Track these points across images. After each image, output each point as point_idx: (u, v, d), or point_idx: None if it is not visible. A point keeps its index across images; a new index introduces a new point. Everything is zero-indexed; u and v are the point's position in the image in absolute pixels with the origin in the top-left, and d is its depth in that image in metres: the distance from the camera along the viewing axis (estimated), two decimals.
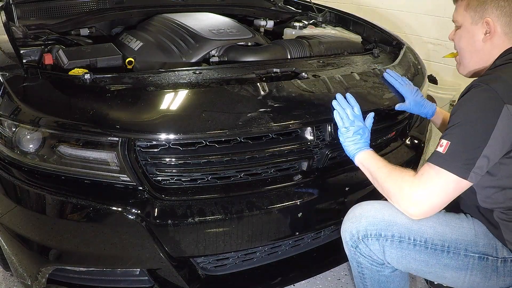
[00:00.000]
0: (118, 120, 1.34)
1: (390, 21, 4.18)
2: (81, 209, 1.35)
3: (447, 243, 1.26)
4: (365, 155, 1.36)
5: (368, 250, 1.30)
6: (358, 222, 1.30)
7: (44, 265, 1.43)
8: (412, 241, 1.26)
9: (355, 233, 1.30)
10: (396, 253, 1.28)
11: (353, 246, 1.32)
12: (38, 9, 2.17)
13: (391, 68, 1.83)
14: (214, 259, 1.54)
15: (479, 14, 1.29)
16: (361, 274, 1.38)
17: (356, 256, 1.34)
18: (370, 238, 1.28)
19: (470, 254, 1.26)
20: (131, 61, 1.79)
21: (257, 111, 1.45)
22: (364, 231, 1.29)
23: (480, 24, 1.29)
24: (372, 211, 1.30)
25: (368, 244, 1.29)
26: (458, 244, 1.26)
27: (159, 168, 1.39)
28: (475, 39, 1.31)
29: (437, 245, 1.26)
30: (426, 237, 1.26)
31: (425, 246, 1.26)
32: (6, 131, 1.39)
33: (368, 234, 1.28)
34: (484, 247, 1.27)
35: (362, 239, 1.29)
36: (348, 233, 1.32)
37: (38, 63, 1.65)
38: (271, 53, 1.88)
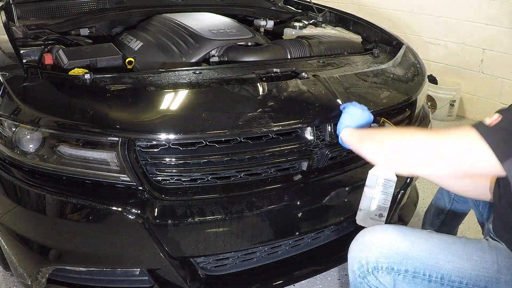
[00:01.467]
0: (118, 120, 1.34)
1: (390, 21, 4.18)
2: (81, 209, 1.35)
3: (465, 280, 1.15)
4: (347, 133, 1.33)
5: (377, 282, 1.18)
6: (368, 251, 1.18)
7: (44, 265, 1.43)
8: (427, 277, 1.16)
9: (364, 264, 1.18)
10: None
11: (360, 277, 1.19)
12: (38, 9, 2.17)
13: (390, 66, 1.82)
14: (214, 259, 1.54)
15: None
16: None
17: (361, 286, 1.22)
18: (381, 271, 1.16)
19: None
20: (131, 61, 1.79)
21: (257, 111, 1.45)
22: (374, 263, 1.16)
23: None
24: (385, 240, 1.18)
25: (378, 277, 1.17)
26: (478, 281, 1.15)
27: (159, 168, 1.39)
28: None
29: (454, 282, 1.15)
30: (442, 273, 1.15)
31: (441, 283, 1.15)
32: (6, 131, 1.39)
33: (379, 267, 1.16)
34: (506, 284, 1.15)
35: (372, 271, 1.17)
36: (356, 262, 1.19)
37: (38, 63, 1.65)
38: (271, 53, 1.88)
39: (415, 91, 1.81)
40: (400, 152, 1.15)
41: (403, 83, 1.84)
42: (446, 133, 1.07)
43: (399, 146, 1.15)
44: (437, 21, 3.91)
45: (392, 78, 1.81)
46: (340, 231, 1.77)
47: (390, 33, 2.26)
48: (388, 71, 1.84)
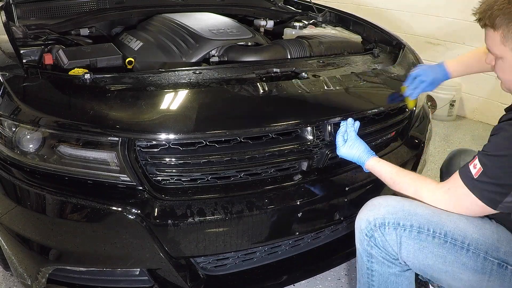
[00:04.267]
0: (118, 120, 1.34)
1: (390, 21, 4.18)
2: (81, 209, 1.35)
3: (467, 240, 1.20)
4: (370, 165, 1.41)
5: (383, 240, 1.24)
6: (377, 210, 1.25)
7: (44, 265, 1.43)
8: (431, 233, 1.21)
9: (372, 220, 1.25)
10: (413, 245, 1.22)
11: (367, 235, 1.26)
12: (38, 9, 2.17)
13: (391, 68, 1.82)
14: (214, 259, 1.53)
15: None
16: (370, 271, 1.31)
17: (369, 247, 1.27)
18: (388, 226, 1.23)
19: (489, 259, 1.19)
20: (131, 61, 1.79)
21: (257, 111, 1.45)
22: (381, 219, 1.23)
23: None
24: (392, 201, 1.27)
25: (385, 233, 1.23)
26: (479, 245, 1.19)
27: (159, 168, 1.39)
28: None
29: (457, 240, 1.20)
30: (446, 230, 1.20)
31: (445, 240, 1.20)
32: (6, 131, 1.39)
33: (385, 222, 1.23)
34: (505, 255, 1.19)
35: (379, 227, 1.23)
36: (364, 221, 1.26)
37: (38, 63, 1.65)
38: (271, 53, 1.88)
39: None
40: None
41: (403, 83, 1.84)
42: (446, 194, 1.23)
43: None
44: (437, 21, 3.91)
45: (392, 78, 1.80)
46: (340, 231, 1.77)
47: (390, 33, 2.26)
48: (388, 71, 1.84)
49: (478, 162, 1.16)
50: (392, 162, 1.68)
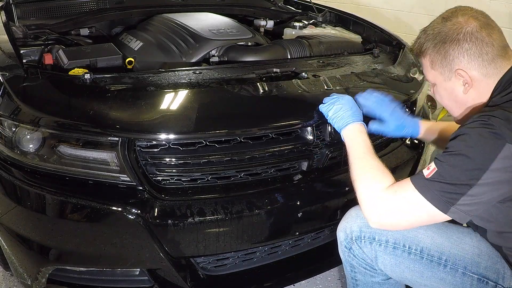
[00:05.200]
0: (118, 120, 1.34)
1: (390, 21, 4.17)
2: (81, 209, 1.35)
3: (444, 256, 1.17)
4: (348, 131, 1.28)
5: (361, 252, 1.24)
6: (353, 222, 1.24)
7: (44, 265, 1.43)
8: (407, 249, 1.19)
9: (349, 233, 1.24)
10: (389, 260, 1.21)
11: (346, 247, 1.26)
12: (38, 9, 2.17)
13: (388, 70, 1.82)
14: (214, 259, 1.53)
15: (447, 68, 1.12)
16: (354, 280, 1.32)
17: (349, 258, 1.28)
18: (363, 240, 1.22)
19: (468, 274, 1.16)
20: (131, 61, 1.79)
21: (257, 111, 1.45)
22: (358, 232, 1.23)
23: (453, 78, 1.13)
24: None
25: (361, 246, 1.23)
26: (457, 260, 1.17)
27: (159, 168, 1.39)
28: (456, 94, 1.15)
29: (433, 257, 1.18)
30: (422, 246, 1.18)
31: (421, 256, 1.18)
32: (6, 131, 1.39)
33: (361, 236, 1.22)
34: (486, 270, 1.15)
35: (356, 240, 1.23)
36: (342, 233, 1.27)
37: (38, 63, 1.65)
38: (271, 53, 1.88)
39: (415, 91, 1.81)
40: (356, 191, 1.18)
41: (403, 83, 1.84)
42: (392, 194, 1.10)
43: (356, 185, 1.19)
44: None
45: (392, 78, 1.80)
46: None
47: (390, 33, 2.26)
48: (388, 71, 1.84)
49: (433, 163, 1.07)
50: (392, 162, 1.69)
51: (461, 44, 1.09)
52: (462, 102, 1.16)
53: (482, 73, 1.10)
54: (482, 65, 1.09)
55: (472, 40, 1.08)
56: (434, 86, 1.20)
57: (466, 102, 1.15)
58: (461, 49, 1.09)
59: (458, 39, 1.09)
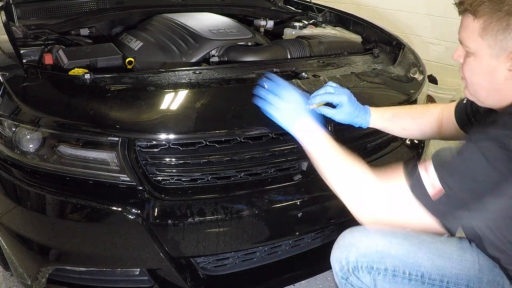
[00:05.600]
0: (118, 120, 1.34)
1: (390, 21, 4.17)
2: (81, 209, 1.35)
3: (446, 278, 1.13)
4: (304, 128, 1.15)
5: (360, 282, 1.17)
6: (348, 252, 1.17)
7: (44, 265, 1.43)
8: (407, 275, 1.14)
9: (344, 264, 1.17)
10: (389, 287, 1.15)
11: (343, 278, 1.19)
12: (38, 9, 2.17)
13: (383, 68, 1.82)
14: (214, 259, 1.53)
15: (501, 44, 0.94)
16: None
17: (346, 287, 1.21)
18: (361, 270, 1.15)
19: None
20: (131, 61, 1.79)
21: (257, 111, 1.44)
22: (354, 263, 1.15)
23: (502, 58, 0.95)
24: (364, 240, 1.16)
25: (359, 276, 1.16)
26: (459, 280, 1.13)
27: (159, 168, 1.39)
28: (495, 77, 0.98)
29: (435, 280, 1.13)
30: (422, 271, 1.13)
31: (422, 281, 1.13)
32: (6, 131, 1.39)
33: (358, 266, 1.15)
34: (488, 284, 1.13)
35: (353, 271, 1.16)
36: (337, 264, 1.19)
37: (38, 63, 1.65)
38: (271, 53, 1.88)
39: (415, 91, 1.81)
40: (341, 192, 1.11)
41: (403, 83, 1.84)
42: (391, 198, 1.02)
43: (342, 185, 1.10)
44: (437, 21, 3.91)
45: (392, 78, 1.81)
46: (341, 231, 1.77)
47: (390, 33, 2.26)
48: (388, 71, 1.84)
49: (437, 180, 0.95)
50: (392, 162, 1.68)
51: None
52: (495, 87, 1.00)
53: None
54: None
55: None
56: (469, 56, 1.02)
57: (500, 89, 0.99)
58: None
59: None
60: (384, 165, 1.57)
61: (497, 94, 1.01)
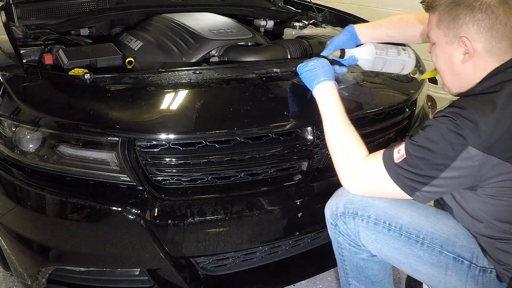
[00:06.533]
0: (118, 120, 1.34)
1: None
2: (81, 209, 1.35)
3: (422, 234, 1.22)
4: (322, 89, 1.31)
5: (346, 228, 1.29)
6: (339, 199, 1.29)
7: (44, 265, 1.43)
8: (387, 225, 1.24)
9: (334, 210, 1.29)
10: (370, 235, 1.26)
11: (332, 224, 1.31)
12: (38, 9, 2.17)
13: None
14: (214, 259, 1.54)
15: (453, 32, 1.10)
16: (341, 256, 1.37)
17: (336, 234, 1.33)
18: (347, 216, 1.27)
19: (445, 252, 1.21)
20: (131, 61, 1.79)
21: (257, 111, 1.45)
22: (342, 208, 1.27)
23: (456, 44, 1.10)
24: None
25: (346, 221, 1.28)
26: (434, 239, 1.22)
27: (159, 168, 1.39)
28: (453, 61, 1.13)
29: (411, 234, 1.23)
30: (401, 223, 1.23)
31: (399, 233, 1.23)
32: (6, 131, 1.39)
33: (345, 212, 1.27)
34: (461, 249, 1.21)
35: (340, 216, 1.28)
36: (329, 209, 1.32)
37: (38, 63, 1.65)
38: (271, 53, 1.88)
39: (415, 91, 1.81)
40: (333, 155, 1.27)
41: (403, 83, 1.84)
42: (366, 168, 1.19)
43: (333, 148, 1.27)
44: None
45: (392, 78, 1.80)
46: None
47: None
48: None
49: (403, 147, 1.12)
50: None
51: (475, 12, 1.05)
52: (455, 71, 1.15)
53: (486, 49, 1.07)
54: (488, 41, 1.06)
55: (488, 12, 1.04)
56: (433, 45, 1.19)
57: (460, 72, 1.14)
58: (473, 17, 1.06)
59: (473, 6, 1.05)
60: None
61: (458, 78, 1.16)
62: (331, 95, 1.30)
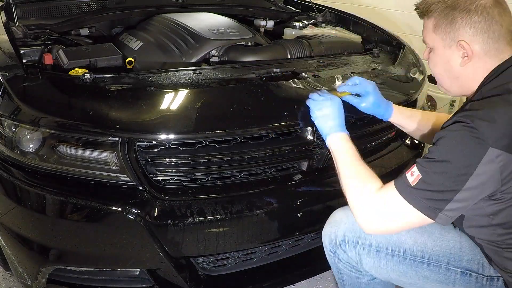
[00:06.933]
0: (118, 120, 1.34)
1: (390, 21, 4.17)
2: (81, 209, 1.35)
3: (427, 254, 1.20)
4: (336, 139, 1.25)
5: (346, 256, 1.26)
6: (337, 227, 1.26)
7: (44, 265, 1.43)
8: (390, 251, 1.21)
9: (333, 238, 1.27)
10: (373, 262, 1.23)
11: (331, 251, 1.29)
12: (38, 9, 2.17)
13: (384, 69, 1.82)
14: (214, 259, 1.54)
15: (450, 35, 1.10)
16: (341, 281, 1.35)
17: (335, 261, 1.30)
18: (347, 244, 1.24)
19: (452, 268, 1.19)
20: (131, 61, 1.79)
21: (257, 111, 1.45)
22: (341, 237, 1.25)
23: (454, 47, 1.11)
24: (352, 217, 1.19)
25: (346, 250, 1.25)
26: (440, 257, 1.19)
27: (159, 168, 1.39)
28: (452, 65, 1.13)
29: (416, 256, 1.20)
30: (405, 247, 1.20)
31: (404, 257, 1.20)
32: (6, 131, 1.39)
33: (345, 240, 1.24)
34: (468, 262, 1.19)
35: (340, 245, 1.25)
36: (327, 238, 1.29)
37: (38, 63, 1.65)
38: (271, 53, 1.88)
39: (415, 91, 1.81)
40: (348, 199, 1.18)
41: (403, 83, 1.84)
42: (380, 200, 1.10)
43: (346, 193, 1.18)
44: None
45: (392, 78, 1.81)
46: None
47: (390, 33, 2.26)
48: (388, 71, 1.84)
49: (416, 169, 1.06)
50: (392, 162, 1.69)
51: (471, 15, 1.06)
52: (455, 75, 1.14)
53: (484, 49, 1.08)
54: (486, 41, 1.07)
55: (483, 14, 1.06)
56: (430, 51, 1.18)
57: (459, 76, 1.13)
58: (469, 20, 1.07)
59: (469, 9, 1.07)
60: (384, 165, 1.57)
61: (457, 81, 1.15)
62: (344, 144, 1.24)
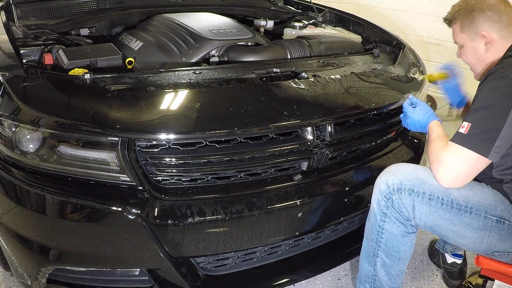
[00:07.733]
0: (118, 120, 1.34)
1: (390, 21, 4.17)
2: (81, 209, 1.35)
3: (470, 204, 1.39)
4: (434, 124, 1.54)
5: (400, 203, 1.41)
6: (395, 176, 1.42)
7: (44, 265, 1.43)
8: (440, 200, 1.38)
9: (390, 185, 1.41)
10: (425, 209, 1.40)
11: (386, 197, 1.42)
12: (38, 9, 2.17)
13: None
14: (214, 259, 1.54)
15: (473, 30, 1.47)
16: (380, 229, 1.47)
17: (385, 208, 1.43)
18: (404, 191, 1.40)
19: (489, 217, 1.39)
20: (131, 61, 1.79)
21: (257, 111, 1.45)
22: (399, 184, 1.40)
23: (478, 39, 1.48)
24: (407, 169, 1.43)
25: (401, 197, 1.40)
26: (480, 207, 1.39)
27: (159, 168, 1.39)
28: (479, 53, 1.49)
29: (461, 206, 1.39)
30: (452, 198, 1.39)
31: (451, 206, 1.39)
32: (6, 131, 1.39)
33: (402, 188, 1.40)
34: (501, 212, 1.40)
35: (397, 191, 1.40)
36: (384, 184, 1.43)
37: (38, 63, 1.65)
38: (271, 53, 1.88)
39: (415, 91, 1.81)
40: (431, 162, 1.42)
41: (403, 83, 1.84)
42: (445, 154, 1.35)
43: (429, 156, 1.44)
44: (437, 21, 3.90)
45: (392, 78, 1.81)
46: (340, 231, 1.77)
47: (390, 33, 2.26)
48: (388, 71, 1.84)
49: (465, 122, 1.33)
50: (392, 162, 1.69)
51: (485, 13, 1.44)
52: (483, 60, 1.50)
53: (500, 35, 1.45)
54: (500, 29, 1.44)
55: (494, 10, 1.44)
56: (461, 48, 1.55)
57: (486, 59, 1.49)
58: (484, 16, 1.44)
59: (482, 9, 1.45)
60: (385, 165, 1.58)
61: (486, 64, 1.50)
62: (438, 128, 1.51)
